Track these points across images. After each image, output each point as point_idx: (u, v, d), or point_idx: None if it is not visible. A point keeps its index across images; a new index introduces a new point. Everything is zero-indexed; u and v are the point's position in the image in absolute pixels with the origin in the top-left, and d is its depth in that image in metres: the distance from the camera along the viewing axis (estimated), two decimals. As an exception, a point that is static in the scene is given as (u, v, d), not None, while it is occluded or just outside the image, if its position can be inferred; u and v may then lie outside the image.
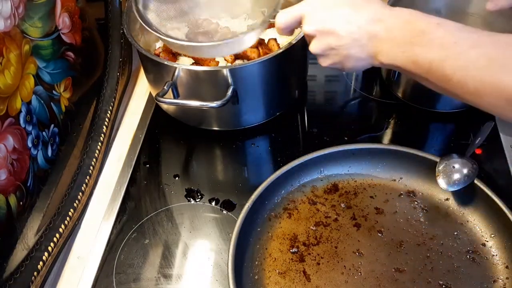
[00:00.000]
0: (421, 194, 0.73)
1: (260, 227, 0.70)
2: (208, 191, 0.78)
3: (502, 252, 0.65)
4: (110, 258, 0.71)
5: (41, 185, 0.68)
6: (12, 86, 0.61)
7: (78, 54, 0.78)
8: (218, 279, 0.67)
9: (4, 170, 0.59)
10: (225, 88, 0.75)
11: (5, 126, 0.60)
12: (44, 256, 0.66)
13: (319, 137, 0.84)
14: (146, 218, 0.75)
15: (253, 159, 0.84)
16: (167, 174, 0.81)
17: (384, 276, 0.64)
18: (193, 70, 0.76)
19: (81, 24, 0.79)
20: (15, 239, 0.62)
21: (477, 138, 0.76)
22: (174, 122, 0.88)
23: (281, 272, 0.65)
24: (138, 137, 0.87)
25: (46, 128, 0.69)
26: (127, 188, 0.79)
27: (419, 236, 0.68)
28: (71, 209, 0.74)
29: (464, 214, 0.70)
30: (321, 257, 0.67)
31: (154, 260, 0.70)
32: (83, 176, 0.78)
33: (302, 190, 0.74)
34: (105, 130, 0.85)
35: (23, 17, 0.64)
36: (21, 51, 0.63)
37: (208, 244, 0.71)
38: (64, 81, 0.75)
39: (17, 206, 0.62)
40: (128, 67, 0.95)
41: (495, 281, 0.63)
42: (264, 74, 0.78)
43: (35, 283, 0.64)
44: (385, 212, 0.71)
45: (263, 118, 0.85)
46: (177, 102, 0.80)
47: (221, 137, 0.86)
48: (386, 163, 0.75)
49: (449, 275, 0.64)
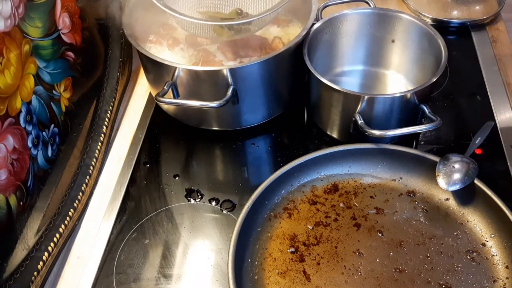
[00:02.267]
0: (421, 194, 0.73)
1: (260, 227, 0.70)
2: (208, 191, 0.78)
3: (502, 252, 0.65)
4: (110, 258, 0.71)
5: (41, 185, 0.68)
6: (12, 86, 0.61)
7: (78, 54, 0.78)
8: (218, 279, 0.67)
9: (4, 170, 0.59)
10: (225, 88, 0.75)
11: (5, 126, 0.60)
12: (44, 256, 0.66)
13: (319, 137, 0.84)
14: (146, 218, 0.75)
15: (253, 159, 0.84)
16: (167, 174, 0.81)
17: (384, 276, 0.64)
18: (193, 70, 0.76)
19: (81, 24, 0.79)
20: (15, 239, 0.62)
21: (477, 138, 0.76)
22: (174, 122, 0.88)
23: (281, 272, 0.65)
24: (138, 137, 0.87)
25: (46, 128, 0.69)
26: (127, 188, 0.79)
27: (419, 236, 0.68)
28: (71, 209, 0.74)
29: (464, 214, 0.70)
30: (321, 257, 0.67)
31: (154, 260, 0.70)
32: (83, 176, 0.78)
33: (302, 190, 0.74)
34: (105, 130, 0.85)
35: (23, 17, 0.64)
36: (21, 51, 0.63)
37: (208, 244, 0.71)
38: (64, 81, 0.75)
39: (17, 206, 0.62)
40: (128, 67, 0.95)
41: (495, 281, 0.63)
42: (264, 74, 0.78)
43: (35, 283, 0.64)
44: (385, 212, 0.71)
45: (263, 118, 0.85)
46: (177, 102, 0.80)
47: (221, 137, 0.86)
48: (386, 163, 0.75)
49: (449, 275, 0.64)
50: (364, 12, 0.87)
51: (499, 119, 0.84)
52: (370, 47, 0.90)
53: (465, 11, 1.06)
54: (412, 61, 0.87)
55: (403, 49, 0.87)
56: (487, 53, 0.97)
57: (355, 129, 0.75)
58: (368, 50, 0.90)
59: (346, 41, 0.89)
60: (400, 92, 0.75)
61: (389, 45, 0.88)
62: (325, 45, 0.87)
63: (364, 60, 0.92)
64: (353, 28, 0.87)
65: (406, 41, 0.86)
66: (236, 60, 0.83)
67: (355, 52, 0.91)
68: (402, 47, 0.87)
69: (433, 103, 0.87)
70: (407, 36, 0.85)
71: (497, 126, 0.82)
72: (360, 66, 0.92)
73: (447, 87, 0.91)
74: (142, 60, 0.83)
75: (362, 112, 0.74)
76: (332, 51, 0.90)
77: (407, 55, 0.87)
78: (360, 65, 0.92)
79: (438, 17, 1.03)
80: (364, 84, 0.91)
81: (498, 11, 1.03)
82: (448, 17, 1.04)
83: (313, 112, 0.86)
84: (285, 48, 0.76)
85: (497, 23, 1.03)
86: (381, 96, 0.77)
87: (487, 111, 0.86)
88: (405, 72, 0.89)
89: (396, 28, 0.86)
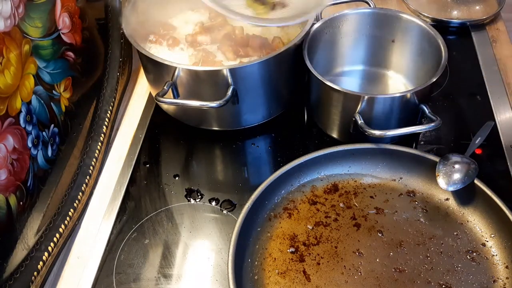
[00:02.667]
0: (421, 194, 0.73)
1: (260, 227, 0.70)
2: (208, 191, 0.78)
3: (502, 252, 0.65)
4: (110, 258, 0.71)
5: (41, 185, 0.68)
6: (12, 86, 0.61)
7: (78, 54, 0.78)
8: (218, 279, 0.67)
9: (4, 170, 0.59)
10: (225, 88, 0.75)
11: (5, 126, 0.60)
12: (44, 256, 0.66)
13: (319, 137, 0.84)
14: (146, 218, 0.75)
15: (253, 159, 0.84)
16: (167, 174, 0.81)
17: (384, 276, 0.64)
18: (193, 70, 0.76)
19: (81, 24, 0.79)
20: (15, 239, 0.62)
21: (477, 138, 0.76)
22: (174, 122, 0.88)
23: (281, 272, 0.65)
24: (138, 137, 0.87)
25: (46, 128, 0.69)
26: (127, 188, 0.79)
27: (419, 236, 0.68)
28: (71, 209, 0.74)
29: (464, 214, 0.70)
30: (321, 257, 0.67)
31: (154, 260, 0.70)
32: (83, 176, 0.78)
33: (302, 190, 0.74)
34: (105, 130, 0.85)
35: (23, 17, 0.64)
36: (21, 51, 0.63)
37: (208, 244, 0.71)
38: (64, 81, 0.75)
39: (17, 206, 0.62)
40: (128, 67, 0.95)
41: (495, 281, 0.63)
42: (264, 74, 0.78)
43: (35, 283, 0.64)
44: (385, 212, 0.71)
45: (263, 118, 0.85)
46: (177, 102, 0.80)
47: (221, 137, 0.86)
48: (386, 163, 0.75)
49: (449, 275, 0.64)
50: (364, 12, 0.87)
51: (499, 119, 0.84)
52: (370, 47, 0.90)
53: (465, 11, 1.06)
54: (412, 61, 0.87)
55: (403, 49, 0.87)
56: (487, 53, 0.97)
57: (355, 129, 0.75)
58: (368, 50, 0.90)
59: (346, 41, 0.89)
60: (400, 92, 0.75)
61: (389, 45, 0.88)
62: (325, 45, 0.87)
63: (364, 60, 0.92)
64: (353, 28, 0.87)
65: (406, 41, 0.86)
66: (236, 60, 0.83)
67: (355, 52, 0.91)
68: (402, 47, 0.87)
69: (433, 103, 0.87)
70: (407, 36, 0.85)
71: (497, 126, 0.82)
72: (360, 66, 0.92)
73: (447, 87, 0.91)
74: (142, 60, 0.83)
75: (362, 112, 0.74)
76: (332, 51, 0.90)
77: (407, 55, 0.87)
78: (360, 65, 0.92)
79: (438, 17, 1.03)
80: (364, 84, 0.91)
81: (498, 11, 1.03)
82: (448, 17, 1.04)
83: (313, 112, 0.86)
84: (285, 48, 0.76)
85: (497, 23, 1.03)
86: (381, 96, 0.77)
87: (487, 111, 0.86)
88: (405, 72, 0.89)
89: (396, 28, 0.86)
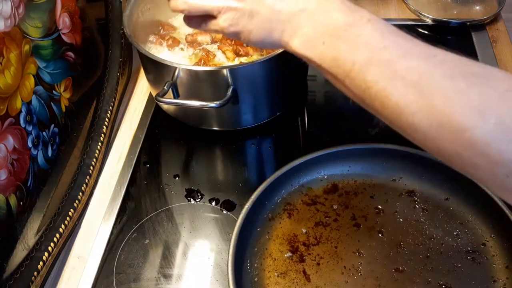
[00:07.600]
0: (421, 194, 0.73)
1: (260, 227, 0.70)
2: (208, 191, 0.78)
3: (502, 252, 0.65)
4: (110, 258, 0.71)
5: (41, 185, 0.68)
6: (12, 86, 0.61)
7: (78, 54, 0.78)
8: (218, 279, 0.67)
9: (4, 170, 0.59)
10: (225, 88, 0.75)
11: (5, 126, 0.60)
12: (44, 256, 0.66)
13: (319, 137, 0.84)
14: (146, 218, 0.75)
15: (253, 159, 0.84)
16: (167, 174, 0.81)
17: (384, 276, 0.64)
18: (193, 70, 0.76)
19: (81, 24, 0.79)
20: (15, 239, 0.62)
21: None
22: (174, 122, 0.88)
23: (281, 272, 0.65)
24: (138, 137, 0.87)
25: (46, 128, 0.69)
26: (127, 188, 0.79)
27: (419, 236, 0.68)
28: (71, 209, 0.74)
29: (464, 214, 0.70)
30: (321, 257, 0.67)
31: (154, 260, 0.70)
32: (83, 176, 0.78)
33: (302, 190, 0.74)
34: (105, 130, 0.85)
35: (23, 17, 0.64)
36: (21, 51, 0.63)
37: (208, 244, 0.72)
38: (64, 81, 0.75)
39: (17, 206, 0.62)
40: (128, 67, 0.95)
41: (495, 281, 0.63)
42: (264, 74, 0.78)
43: (35, 283, 0.64)
44: (385, 212, 0.71)
45: (263, 118, 0.85)
46: (177, 102, 0.80)
47: (221, 137, 0.86)
48: (386, 163, 0.75)
49: (449, 275, 0.64)
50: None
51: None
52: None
53: (465, 11, 1.06)
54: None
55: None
56: (487, 53, 0.97)
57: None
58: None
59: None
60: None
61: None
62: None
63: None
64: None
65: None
66: (236, 60, 0.83)
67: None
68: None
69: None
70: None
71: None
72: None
73: (447, 87, 0.91)
74: (142, 60, 0.83)
75: (362, 112, 0.73)
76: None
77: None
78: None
79: (438, 17, 1.03)
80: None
81: (498, 11, 1.03)
82: (448, 17, 1.04)
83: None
84: (285, 48, 0.76)
85: (497, 23, 1.03)
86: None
87: (487, 111, 0.86)
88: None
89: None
